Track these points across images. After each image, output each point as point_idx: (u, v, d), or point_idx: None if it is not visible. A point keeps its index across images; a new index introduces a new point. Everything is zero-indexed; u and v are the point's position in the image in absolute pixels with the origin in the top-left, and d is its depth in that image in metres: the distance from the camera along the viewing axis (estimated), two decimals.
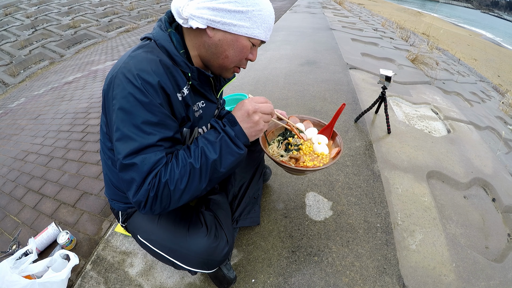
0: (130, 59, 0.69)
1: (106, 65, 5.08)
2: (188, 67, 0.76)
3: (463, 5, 57.90)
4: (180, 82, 0.74)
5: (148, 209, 0.67)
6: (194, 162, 0.68)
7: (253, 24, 0.72)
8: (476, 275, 1.19)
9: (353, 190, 1.54)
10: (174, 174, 0.66)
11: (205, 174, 0.69)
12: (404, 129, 2.12)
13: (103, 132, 0.84)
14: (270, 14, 0.74)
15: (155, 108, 0.67)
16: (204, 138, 0.72)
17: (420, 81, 3.29)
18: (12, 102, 4.65)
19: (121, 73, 0.67)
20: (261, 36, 0.75)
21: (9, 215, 1.65)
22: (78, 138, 2.32)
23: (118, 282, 1.16)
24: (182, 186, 0.67)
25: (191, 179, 0.67)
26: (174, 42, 0.75)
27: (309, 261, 1.18)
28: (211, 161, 0.69)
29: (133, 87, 0.65)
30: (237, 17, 0.70)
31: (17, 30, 8.01)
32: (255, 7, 0.70)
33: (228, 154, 0.71)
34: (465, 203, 1.62)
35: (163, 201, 0.67)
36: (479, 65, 9.84)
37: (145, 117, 0.66)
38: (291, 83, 2.89)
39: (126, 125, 0.66)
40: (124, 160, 0.65)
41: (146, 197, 0.65)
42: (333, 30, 5.28)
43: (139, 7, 10.77)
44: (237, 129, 0.73)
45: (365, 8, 13.55)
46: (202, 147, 0.70)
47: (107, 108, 0.73)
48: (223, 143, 0.71)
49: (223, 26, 0.70)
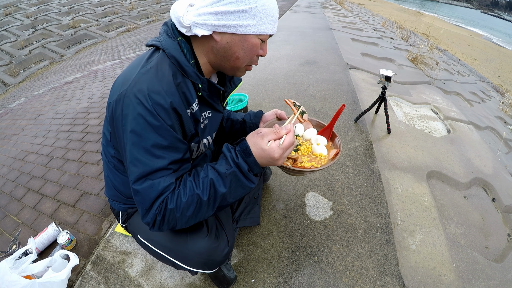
0: (141, 76, 0.67)
1: (106, 65, 5.08)
2: (199, 79, 0.74)
3: (463, 5, 57.90)
4: (189, 98, 0.73)
5: (157, 229, 0.71)
6: (202, 194, 0.68)
7: (259, 20, 0.69)
8: (476, 275, 1.19)
9: (353, 190, 1.54)
10: (181, 203, 0.67)
11: (213, 205, 0.70)
12: (404, 129, 2.12)
13: (106, 139, 0.83)
14: (274, 5, 0.72)
15: (165, 131, 0.67)
16: (215, 170, 0.70)
17: (420, 81, 3.29)
18: (12, 102, 4.65)
19: (131, 92, 0.65)
20: (268, 31, 0.73)
21: (9, 215, 1.65)
22: (78, 138, 2.32)
23: (118, 282, 1.16)
24: (189, 214, 0.69)
25: (198, 208, 0.69)
26: (185, 52, 0.72)
27: (309, 261, 1.18)
28: (220, 194, 0.69)
29: (143, 109, 0.64)
30: (241, 16, 0.68)
31: (17, 30, 8.01)
32: (257, 3, 0.68)
33: (238, 188, 0.71)
34: (465, 203, 1.62)
35: (170, 223, 0.70)
36: (479, 65, 9.84)
37: (155, 141, 0.66)
38: (291, 83, 2.89)
39: (136, 148, 0.67)
40: (134, 185, 0.68)
41: (153, 220, 0.68)
42: (333, 30, 5.28)
43: (139, 7, 10.77)
44: (250, 161, 0.70)
45: (365, 8, 13.56)
46: (211, 179, 0.68)
47: (115, 124, 0.71)
48: (233, 178, 0.69)
49: (229, 29, 0.68)
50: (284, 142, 0.70)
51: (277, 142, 0.70)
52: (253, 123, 1.09)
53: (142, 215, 0.70)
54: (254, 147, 0.70)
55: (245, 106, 2.11)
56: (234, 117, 1.13)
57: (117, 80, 0.73)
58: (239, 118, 1.12)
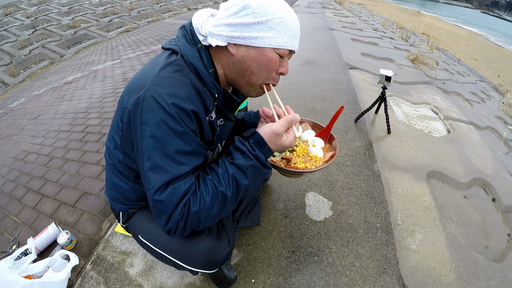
0: (160, 80, 0.65)
1: (106, 65, 5.08)
2: (216, 88, 0.73)
3: (463, 5, 57.90)
4: (209, 105, 0.73)
5: (179, 234, 0.69)
6: (226, 190, 0.67)
7: (276, 33, 0.67)
8: (476, 275, 1.19)
9: (353, 190, 1.54)
10: (205, 203, 0.66)
11: (236, 198, 0.71)
12: (404, 129, 2.12)
13: (115, 143, 0.80)
14: (293, 20, 0.69)
15: (189, 137, 0.65)
16: (233, 164, 0.70)
17: (420, 81, 3.29)
18: (12, 102, 4.65)
19: (150, 96, 0.63)
20: (287, 45, 0.69)
21: (9, 215, 1.65)
22: (78, 138, 2.32)
23: (118, 282, 1.16)
24: (214, 213, 0.68)
25: (222, 205, 0.68)
26: (204, 60, 0.71)
27: (309, 261, 1.18)
28: (243, 187, 0.70)
29: (165, 114, 0.62)
30: (257, 28, 0.66)
31: (17, 30, 8.01)
32: (274, 15, 0.66)
33: (258, 176, 0.73)
34: (465, 203, 1.62)
35: (192, 226, 0.68)
36: (479, 65, 9.84)
37: (179, 147, 0.64)
38: (291, 83, 2.89)
39: (158, 154, 0.64)
40: (155, 195, 0.65)
41: (176, 225, 0.66)
42: (333, 30, 5.28)
43: (139, 7, 10.77)
44: (265, 150, 0.73)
45: (365, 8, 13.56)
46: (233, 174, 0.69)
47: (133, 130, 0.69)
48: (254, 169, 0.71)
49: (244, 41, 0.67)
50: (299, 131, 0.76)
51: (293, 135, 0.75)
52: (252, 123, 1.09)
53: (164, 223, 0.66)
54: (272, 144, 0.73)
55: (245, 106, 2.11)
56: None
57: (132, 84, 0.70)
58: (239, 117, 1.12)
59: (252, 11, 0.65)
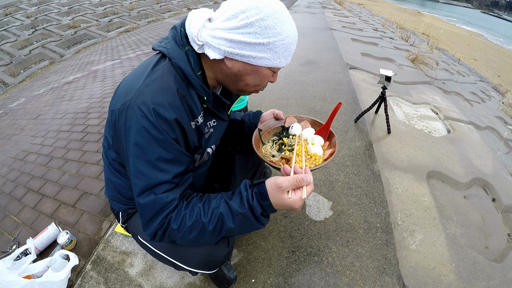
0: (145, 87, 0.66)
1: (106, 65, 5.08)
2: (205, 91, 0.72)
3: (463, 5, 57.89)
4: (195, 111, 0.73)
5: (158, 241, 0.72)
6: (208, 223, 0.67)
7: (274, 54, 0.68)
8: (476, 275, 1.19)
9: (353, 190, 1.54)
10: (184, 226, 0.68)
11: (217, 235, 0.71)
12: (404, 129, 2.12)
13: (108, 143, 0.82)
14: (293, 40, 0.69)
15: (169, 145, 0.67)
16: (227, 205, 0.69)
17: (420, 81, 3.29)
18: (12, 102, 4.65)
19: (135, 104, 0.64)
20: (282, 64, 0.71)
21: (9, 215, 1.65)
22: (78, 138, 2.32)
23: (118, 282, 1.16)
24: (191, 237, 0.69)
25: (201, 235, 0.69)
26: (192, 63, 0.70)
27: (309, 261, 1.18)
28: (226, 228, 0.69)
29: (147, 122, 0.64)
30: (257, 49, 0.66)
31: (17, 30, 8.01)
32: (277, 37, 0.65)
33: (246, 227, 0.70)
34: (465, 203, 1.62)
35: (170, 238, 0.71)
36: (479, 65, 9.84)
37: (159, 154, 0.66)
38: (291, 83, 2.89)
39: (140, 161, 0.67)
40: (138, 198, 0.69)
41: (154, 233, 0.70)
42: (333, 30, 5.28)
43: (139, 7, 10.77)
44: (266, 204, 0.68)
45: (365, 8, 13.56)
46: (221, 212, 0.68)
47: (118, 134, 0.71)
48: (243, 218, 0.68)
49: (241, 58, 0.67)
50: (306, 194, 0.68)
51: (299, 195, 0.67)
52: (252, 123, 1.09)
53: (144, 227, 0.71)
54: (274, 199, 0.67)
55: (245, 106, 2.11)
56: (233, 117, 1.14)
57: (120, 88, 0.71)
58: (238, 118, 1.12)
59: (254, 30, 0.63)
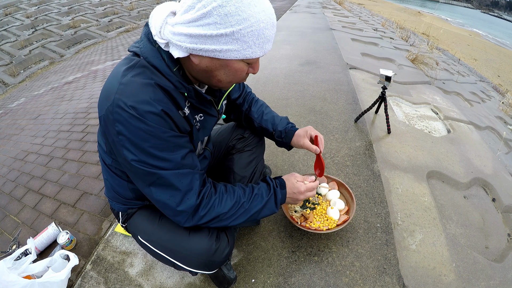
0: (123, 88, 0.62)
1: (106, 65, 5.09)
2: (184, 87, 0.69)
3: (463, 5, 57.88)
4: (180, 102, 0.71)
5: (197, 220, 0.77)
6: (246, 202, 0.81)
7: (243, 44, 0.59)
8: (476, 275, 1.19)
9: (353, 190, 1.54)
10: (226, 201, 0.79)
11: (245, 215, 0.82)
12: (404, 129, 2.12)
13: (102, 149, 0.83)
14: (266, 25, 0.60)
15: (164, 134, 0.66)
16: (259, 189, 0.86)
17: (420, 81, 3.29)
18: (12, 102, 4.65)
19: (117, 106, 0.62)
20: (256, 55, 0.63)
21: (9, 215, 1.65)
22: (78, 138, 2.32)
23: (118, 282, 1.16)
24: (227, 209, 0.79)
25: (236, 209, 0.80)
26: (165, 59, 0.66)
27: (309, 261, 1.18)
28: (258, 209, 0.83)
29: (136, 120, 0.62)
30: (221, 41, 0.58)
31: (17, 30, 8.01)
32: (242, 24, 0.57)
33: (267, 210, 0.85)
34: (465, 203, 1.62)
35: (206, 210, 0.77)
36: (479, 65, 9.84)
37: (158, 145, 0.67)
38: (291, 83, 2.89)
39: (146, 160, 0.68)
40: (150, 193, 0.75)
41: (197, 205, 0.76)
42: (333, 30, 5.28)
43: (139, 7, 10.77)
44: (283, 193, 0.88)
45: (365, 8, 13.56)
46: (256, 194, 0.84)
47: (110, 140, 0.69)
48: (270, 199, 0.85)
49: (206, 53, 0.60)
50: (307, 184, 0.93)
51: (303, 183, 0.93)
52: (282, 138, 1.11)
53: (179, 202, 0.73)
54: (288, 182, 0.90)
55: None
56: (265, 125, 1.13)
57: (102, 92, 0.68)
58: (270, 129, 1.12)
59: (214, 20, 0.56)
